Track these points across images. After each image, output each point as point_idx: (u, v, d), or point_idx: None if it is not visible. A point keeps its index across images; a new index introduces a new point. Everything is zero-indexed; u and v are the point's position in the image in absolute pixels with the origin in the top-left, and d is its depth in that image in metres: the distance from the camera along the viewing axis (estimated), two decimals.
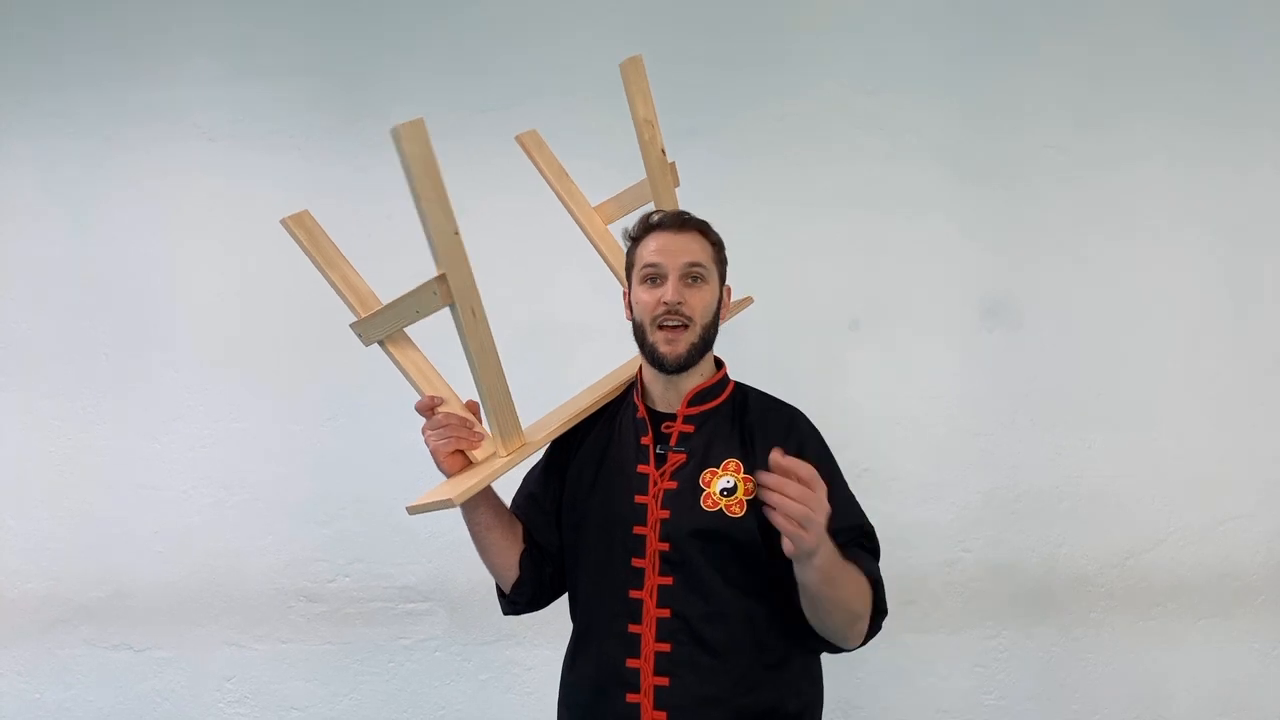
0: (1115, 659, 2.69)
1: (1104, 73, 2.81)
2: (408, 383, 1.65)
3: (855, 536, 1.63)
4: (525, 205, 2.69)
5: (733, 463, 1.65)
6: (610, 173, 2.11)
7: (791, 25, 2.86)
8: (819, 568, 1.41)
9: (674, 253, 1.67)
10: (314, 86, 2.90)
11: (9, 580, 2.83)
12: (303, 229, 1.61)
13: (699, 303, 1.66)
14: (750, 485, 1.62)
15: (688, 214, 1.74)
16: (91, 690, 2.80)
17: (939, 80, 2.82)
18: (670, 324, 1.65)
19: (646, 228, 1.72)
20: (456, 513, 2.58)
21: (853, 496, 1.70)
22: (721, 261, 1.73)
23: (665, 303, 1.64)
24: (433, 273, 1.53)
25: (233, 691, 2.79)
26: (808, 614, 1.54)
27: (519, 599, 1.77)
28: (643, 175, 1.96)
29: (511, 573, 1.74)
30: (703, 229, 1.72)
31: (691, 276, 1.66)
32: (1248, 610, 2.70)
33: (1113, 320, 2.76)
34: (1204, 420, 2.73)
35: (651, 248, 1.69)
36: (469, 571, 2.74)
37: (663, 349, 1.66)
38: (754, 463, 1.63)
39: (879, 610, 1.59)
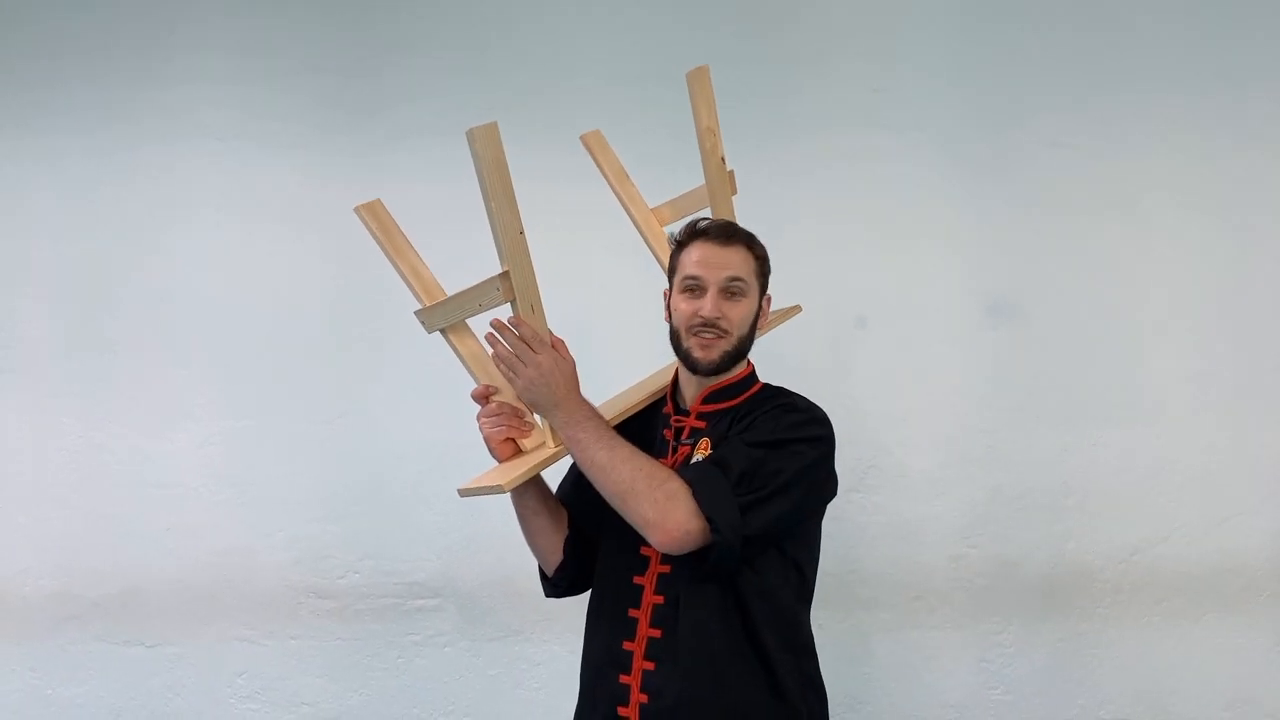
0: (1121, 654, 2.70)
1: (1111, 70, 2.81)
2: (465, 371, 1.72)
3: (709, 463, 1.62)
4: (532, 202, 2.70)
5: (705, 441, 1.70)
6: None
7: (797, 23, 2.86)
8: (560, 427, 1.60)
9: (715, 266, 1.69)
10: (321, 86, 2.90)
11: (21, 577, 2.84)
12: (375, 218, 1.69)
13: (736, 316, 1.70)
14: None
15: (734, 225, 1.76)
16: (103, 686, 2.81)
17: (945, 77, 2.82)
18: (705, 334, 1.69)
19: (692, 234, 1.74)
20: (466, 510, 2.63)
21: (755, 454, 1.61)
22: (763, 274, 1.76)
23: (703, 316, 1.68)
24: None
25: (244, 687, 2.80)
26: None
27: (560, 582, 1.84)
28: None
29: (555, 556, 1.81)
30: (748, 242, 1.74)
31: (730, 291, 1.69)
32: (1253, 605, 2.71)
33: (1119, 317, 2.77)
34: (1210, 416, 2.74)
35: (694, 258, 1.71)
36: (478, 568, 2.76)
37: (697, 353, 1.70)
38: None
39: (711, 520, 1.53)
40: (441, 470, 2.65)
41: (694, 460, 1.68)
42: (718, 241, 1.71)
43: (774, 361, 1.97)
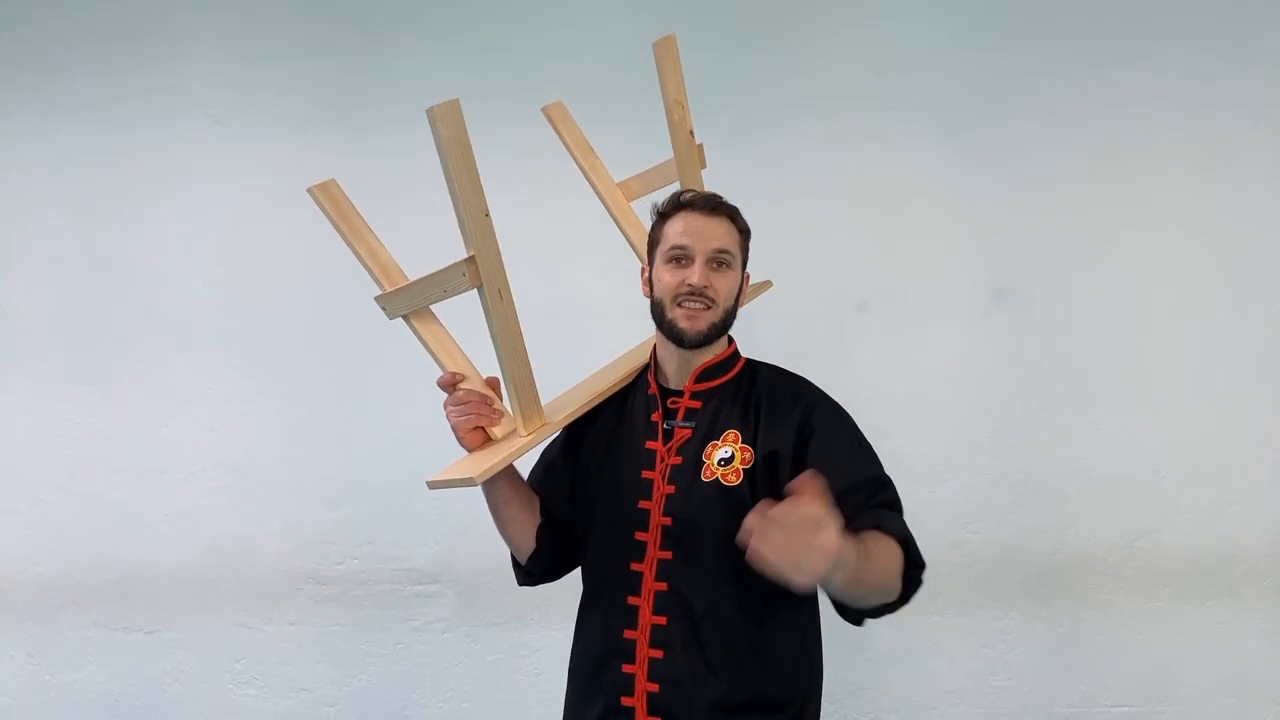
0: (1123, 640, 2.69)
1: (1117, 53, 2.79)
2: (430, 357, 1.66)
3: (871, 492, 1.60)
4: (534, 190, 2.69)
5: (732, 433, 1.66)
6: (609, 160, 2.09)
7: (801, 5, 2.84)
8: (839, 585, 1.38)
9: (703, 236, 1.66)
10: (321, 68, 2.89)
11: (20, 563, 2.84)
12: (329, 199, 1.60)
13: (723, 287, 1.67)
14: (747, 455, 1.64)
15: (719, 198, 1.73)
16: (102, 672, 2.82)
17: (948, 61, 2.81)
18: (692, 304, 1.66)
19: (676, 206, 1.71)
20: (464, 495, 2.60)
21: (866, 449, 1.67)
22: (745, 248, 1.73)
23: (690, 285, 1.65)
24: (453, 253, 1.54)
25: (242, 673, 2.80)
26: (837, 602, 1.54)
27: (534, 570, 1.81)
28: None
29: (528, 545, 1.78)
30: (732, 215, 1.72)
31: (718, 262, 1.67)
32: (1255, 592, 2.70)
33: (1122, 302, 2.75)
34: (1212, 402, 2.73)
35: (679, 228, 1.68)
36: (476, 554, 2.75)
37: (683, 324, 1.66)
38: (755, 432, 1.65)
39: (915, 564, 1.55)
40: (440, 457, 2.60)
41: (722, 455, 1.63)
42: (704, 212, 1.69)
43: (774, 345, 1.96)
